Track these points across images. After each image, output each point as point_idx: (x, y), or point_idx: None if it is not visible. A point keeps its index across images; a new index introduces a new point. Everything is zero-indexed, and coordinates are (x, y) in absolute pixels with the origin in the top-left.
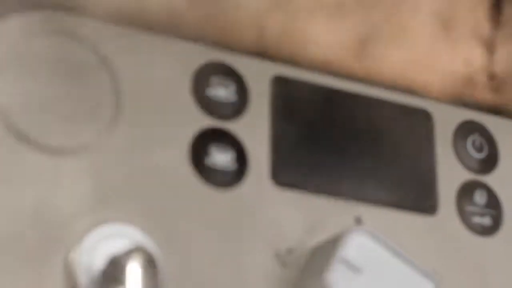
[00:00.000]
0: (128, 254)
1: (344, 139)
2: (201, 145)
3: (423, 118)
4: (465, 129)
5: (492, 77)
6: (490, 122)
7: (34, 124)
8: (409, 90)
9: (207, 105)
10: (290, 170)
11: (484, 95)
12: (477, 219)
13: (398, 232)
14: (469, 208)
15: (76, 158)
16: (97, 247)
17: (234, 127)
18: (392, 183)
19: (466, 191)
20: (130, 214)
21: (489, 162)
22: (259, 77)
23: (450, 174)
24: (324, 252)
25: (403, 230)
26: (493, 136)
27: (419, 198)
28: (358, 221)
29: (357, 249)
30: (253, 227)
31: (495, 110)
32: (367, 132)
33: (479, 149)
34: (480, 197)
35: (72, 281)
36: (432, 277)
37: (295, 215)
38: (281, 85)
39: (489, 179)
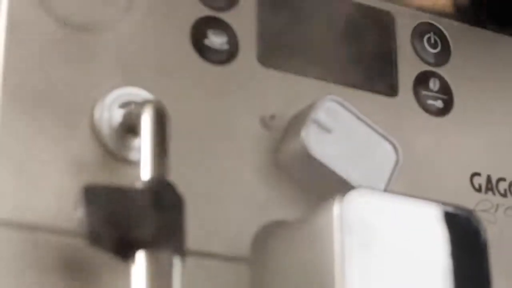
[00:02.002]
0: (141, 106)
1: (320, 32)
2: (200, 29)
3: (387, 18)
4: (422, 29)
5: None
6: (444, 23)
7: (65, 6)
8: None
9: None
10: (274, 53)
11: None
12: (431, 102)
13: (365, 110)
14: (424, 93)
15: (98, 35)
16: (116, 104)
17: (227, 16)
18: (360, 69)
19: (422, 79)
20: (142, 81)
21: (442, 57)
22: None
23: (409, 65)
24: (301, 117)
25: (369, 108)
26: (446, 35)
27: (383, 83)
28: None
29: (328, 113)
30: (241, 98)
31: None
32: (341, 26)
33: (434, 46)
34: (433, 84)
35: (97, 133)
36: (392, 140)
37: (277, 90)
38: None
39: (442, 70)
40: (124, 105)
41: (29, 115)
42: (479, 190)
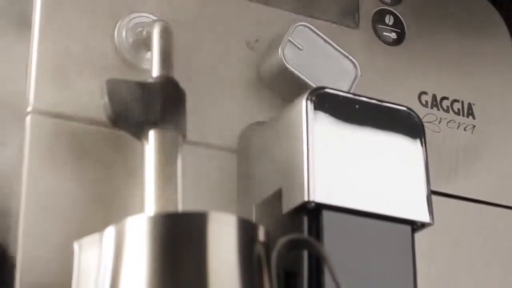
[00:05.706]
0: (151, 25)
1: None
2: None
3: None
4: None
5: None
6: None
7: None
8: None
9: None
10: None
11: None
12: (386, 34)
13: (332, 38)
14: (381, 27)
15: None
16: (131, 25)
17: None
18: (329, 6)
19: (379, 15)
20: (152, 9)
21: None
22: None
23: (368, 4)
24: (278, 39)
25: (336, 37)
26: None
27: (347, 17)
28: None
29: (300, 35)
30: (232, 26)
31: None
32: None
33: None
34: (388, 20)
35: (117, 47)
36: (351, 58)
37: (260, 20)
38: None
39: (396, 9)
40: (138, 25)
41: (64, 35)
42: (425, 105)
